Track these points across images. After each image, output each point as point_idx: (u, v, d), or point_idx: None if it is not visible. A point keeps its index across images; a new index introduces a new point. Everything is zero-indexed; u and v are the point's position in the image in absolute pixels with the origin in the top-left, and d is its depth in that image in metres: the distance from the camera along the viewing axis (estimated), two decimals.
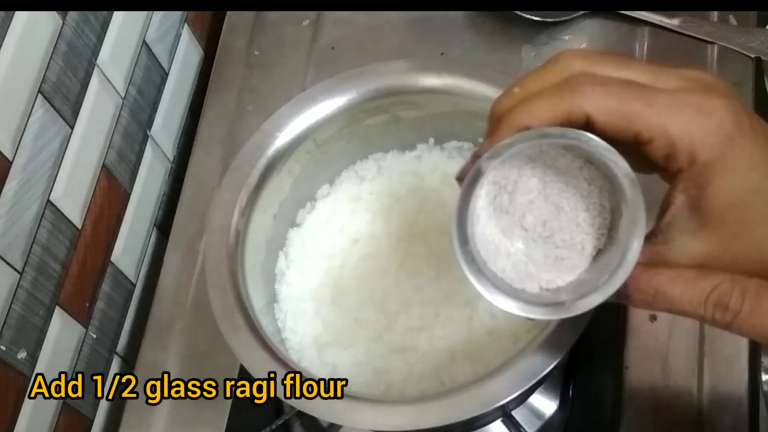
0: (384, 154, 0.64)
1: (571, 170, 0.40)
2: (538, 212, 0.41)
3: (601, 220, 0.41)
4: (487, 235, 0.41)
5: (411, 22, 0.78)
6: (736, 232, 0.38)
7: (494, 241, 0.41)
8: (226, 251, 0.55)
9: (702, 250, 0.38)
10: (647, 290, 0.38)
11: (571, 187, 0.40)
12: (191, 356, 0.68)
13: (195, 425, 0.66)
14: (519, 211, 0.41)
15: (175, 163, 0.79)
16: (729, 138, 0.36)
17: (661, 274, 0.38)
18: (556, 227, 0.41)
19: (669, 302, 0.38)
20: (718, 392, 0.59)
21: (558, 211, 0.41)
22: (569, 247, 0.41)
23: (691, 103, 0.37)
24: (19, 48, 0.57)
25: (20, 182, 0.58)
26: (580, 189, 0.40)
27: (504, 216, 0.41)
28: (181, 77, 0.79)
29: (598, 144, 0.37)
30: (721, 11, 0.74)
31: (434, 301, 0.58)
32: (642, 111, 0.37)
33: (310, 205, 0.64)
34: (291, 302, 0.60)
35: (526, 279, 0.41)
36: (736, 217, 0.37)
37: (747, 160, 0.37)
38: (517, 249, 0.41)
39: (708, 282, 0.38)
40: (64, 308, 0.64)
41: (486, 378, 0.48)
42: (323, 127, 0.59)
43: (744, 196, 0.37)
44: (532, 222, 0.41)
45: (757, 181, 0.37)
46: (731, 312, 0.37)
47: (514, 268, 0.41)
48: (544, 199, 0.41)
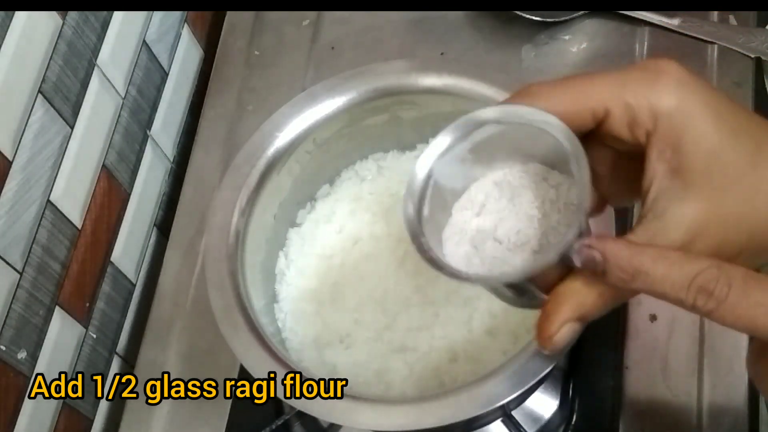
0: (384, 154, 0.64)
1: (537, 182, 0.40)
2: (510, 224, 0.40)
3: (573, 214, 0.40)
4: (459, 254, 0.41)
5: (411, 22, 0.78)
6: (723, 184, 0.36)
7: (467, 255, 0.41)
8: (226, 251, 0.55)
9: (693, 214, 0.36)
10: (627, 268, 0.36)
11: (539, 197, 0.40)
12: (191, 356, 0.68)
13: (195, 425, 0.66)
14: (489, 226, 0.41)
15: (175, 163, 0.79)
16: (682, 83, 0.36)
17: (644, 253, 0.36)
18: (531, 234, 0.40)
19: (649, 283, 0.36)
20: (718, 392, 0.59)
21: (530, 220, 0.40)
22: (546, 251, 0.40)
23: (633, 69, 0.37)
24: (19, 48, 0.57)
25: (20, 182, 0.58)
26: (548, 196, 0.40)
27: (476, 235, 0.41)
28: (181, 77, 0.79)
29: (523, 111, 0.38)
30: (721, 11, 0.74)
31: (434, 301, 0.58)
32: (588, 87, 0.37)
33: (310, 205, 0.64)
34: (291, 302, 0.60)
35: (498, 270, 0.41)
36: (719, 167, 0.36)
37: (710, 103, 0.36)
38: (492, 260, 0.41)
39: (693, 265, 0.35)
40: (64, 308, 0.64)
41: (486, 378, 0.48)
42: (323, 127, 0.59)
43: (721, 141, 0.36)
44: (505, 233, 0.40)
45: (727, 122, 0.36)
46: (715, 299, 0.35)
47: (489, 272, 0.41)
48: (514, 214, 0.41)
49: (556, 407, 0.60)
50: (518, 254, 0.40)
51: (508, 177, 0.41)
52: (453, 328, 0.56)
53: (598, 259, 0.36)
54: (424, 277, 0.59)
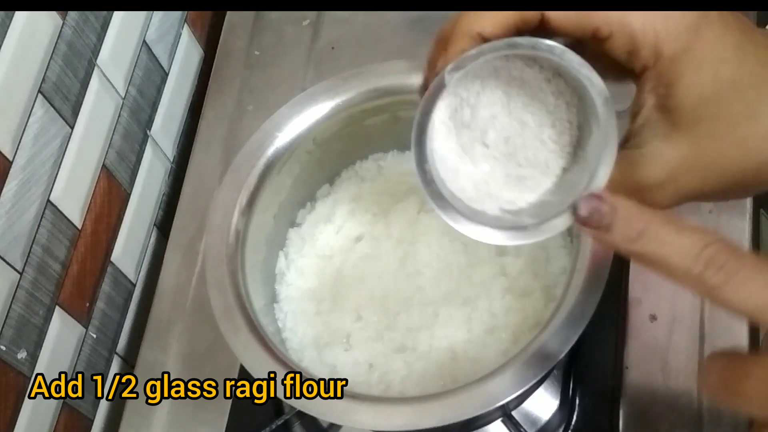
0: (384, 154, 0.64)
1: (538, 82, 0.37)
2: (501, 127, 0.38)
3: (567, 137, 0.38)
4: (446, 151, 0.38)
5: (411, 22, 0.78)
6: (713, 132, 0.34)
7: (453, 158, 0.38)
8: (226, 251, 0.55)
9: (677, 154, 0.35)
10: (635, 223, 0.33)
11: (537, 101, 0.37)
12: (191, 356, 0.68)
13: (195, 425, 0.66)
14: (481, 126, 0.38)
15: (175, 163, 0.79)
16: (695, 27, 0.34)
17: (654, 212, 0.33)
18: (519, 144, 0.38)
19: (656, 244, 0.33)
20: None
21: (522, 127, 0.37)
22: (532, 165, 0.38)
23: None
24: (19, 48, 0.57)
25: (20, 182, 0.58)
26: (546, 103, 0.37)
27: (464, 131, 0.38)
28: (181, 77, 0.79)
29: (572, 59, 0.34)
30: None
31: (434, 301, 0.58)
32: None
33: (310, 205, 0.64)
34: (291, 302, 0.60)
35: (486, 199, 0.38)
36: (711, 114, 0.34)
37: (717, 50, 0.34)
38: (478, 167, 0.38)
39: (705, 234, 0.32)
40: (64, 308, 0.64)
41: (486, 378, 0.48)
42: (323, 127, 0.59)
43: (717, 90, 0.34)
44: (494, 138, 0.38)
45: (729, 72, 0.34)
46: (726, 272, 0.31)
47: (474, 187, 0.38)
48: (507, 113, 0.38)
49: (556, 407, 0.60)
50: (504, 175, 0.38)
51: (509, 66, 0.37)
52: (453, 328, 0.57)
53: (605, 211, 0.34)
54: (424, 277, 0.59)
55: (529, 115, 0.37)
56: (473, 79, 0.37)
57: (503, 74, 0.37)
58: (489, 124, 0.38)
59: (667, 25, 0.34)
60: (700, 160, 0.35)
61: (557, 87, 0.37)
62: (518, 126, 0.38)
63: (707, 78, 0.34)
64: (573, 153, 0.38)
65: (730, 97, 0.34)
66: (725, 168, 0.35)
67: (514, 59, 0.37)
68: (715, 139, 0.35)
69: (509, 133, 0.38)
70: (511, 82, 0.37)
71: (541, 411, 0.60)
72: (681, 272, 0.33)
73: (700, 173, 0.35)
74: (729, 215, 0.63)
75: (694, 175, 0.35)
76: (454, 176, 0.38)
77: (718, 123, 0.34)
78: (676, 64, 0.34)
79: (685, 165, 0.35)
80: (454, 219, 0.37)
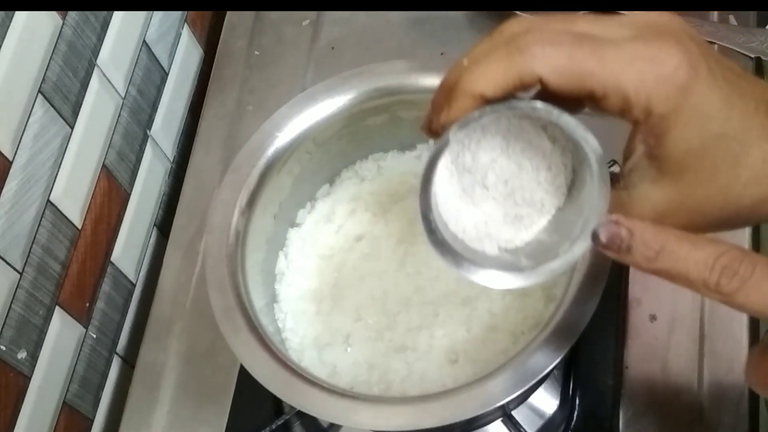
0: (384, 154, 0.64)
1: (536, 129, 0.40)
2: (500, 170, 0.40)
3: (562, 179, 0.40)
4: (449, 194, 0.41)
5: (411, 22, 0.78)
6: (698, 180, 0.37)
7: (455, 200, 0.41)
8: (226, 251, 0.55)
9: (663, 198, 0.37)
10: (652, 244, 0.36)
11: (534, 146, 0.40)
12: (191, 356, 0.68)
13: (195, 425, 0.66)
14: (481, 169, 0.40)
15: (175, 163, 0.79)
16: (684, 88, 0.36)
17: (668, 231, 0.36)
18: (516, 185, 0.40)
19: (673, 260, 0.35)
20: (718, 392, 0.59)
21: (520, 170, 0.40)
22: (529, 204, 0.41)
23: (643, 54, 0.36)
24: (19, 48, 0.57)
25: (20, 182, 0.58)
26: (543, 148, 0.40)
27: (466, 174, 0.41)
28: (181, 77, 0.79)
29: (569, 121, 0.37)
30: (721, 11, 0.74)
31: (434, 301, 0.58)
32: (594, 69, 0.36)
33: (310, 205, 0.64)
34: (291, 302, 0.60)
35: (486, 239, 0.41)
36: (696, 164, 0.36)
37: (704, 108, 0.36)
38: (478, 207, 0.41)
39: (717, 246, 0.35)
40: (64, 308, 0.64)
41: (486, 378, 0.48)
42: (323, 127, 0.59)
43: (703, 143, 0.36)
44: (494, 180, 0.40)
45: (715, 128, 0.36)
46: (740, 278, 0.34)
47: (474, 227, 0.41)
48: (506, 157, 0.40)
49: (556, 407, 0.60)
50: (502, 214, 0.40)
51: (508, 113, 0.39)
52: (453, 327, 0.57)
53: (624, 236, 0.36)
54: (424, 277, 0.59)
55: (527, 159, 0.40)
56: (474, 128, 0.40)
57: (503, 122, 0.40)
58: (489, 167, 0.40)
59: (658, 87, 0.36)
60: (685, 204, 0.37)
61: (553, 133, 0.40)
62: (516, 169, 0.40)
63: (694, 133, 0.36)
64: (567, 193, 0.41)
65: (714, 149, 0.36)
66: (708, 212, 0.38)
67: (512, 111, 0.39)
68: (700, 187, 0.37)
69: (508, 175, 0.40)
70: (510, 129, 0.40)
71: (541, 411, 0.60)
72: (700, 283, 0.35)
73: (685, 215, 0.38)
74: None
75: (680, 217, 0.38)
76: (456, 218, 0.41)
77: (703, 172, 0.37)
78: (665, 120, 0.36)
79: (671, 208, 0.38)
80: (457, 263, 0.40)
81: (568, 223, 0.40)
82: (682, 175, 0.37)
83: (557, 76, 0.36)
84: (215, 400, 0.66)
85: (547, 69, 0.36)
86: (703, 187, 0.37)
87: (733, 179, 0.37)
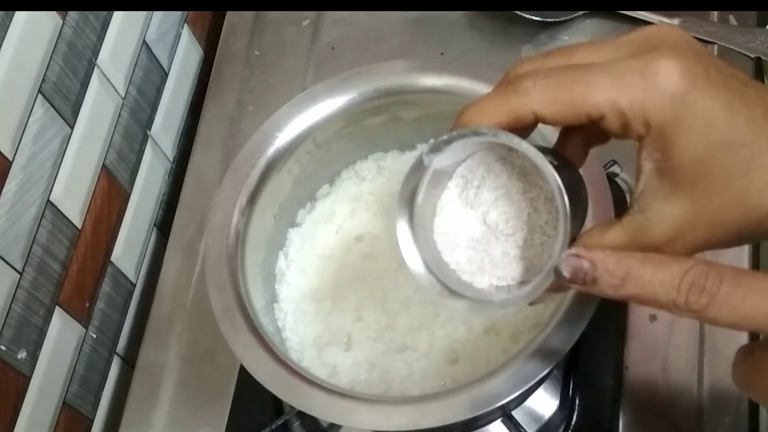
0: (384, 154, 0.64)
1: (537, 171, 0.40)
2: (503, 209, 0.41)
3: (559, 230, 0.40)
4: (450, 225, 0.42)
5: (411, 22, 0.78)
6: (711, 189, 0.36)
7: (455, 233, 0.42)
8: (226, 251, 0.55)
9: (679, 213, 0.36)
10: (616, 272, 0.36)
11: (536, 188, 0.40)
12: (191, 356, 0.68)
13: (195, 425, 0.66)
14: (483, 206, 0.41)
15: (175, 163, 0.79)
16: (679, 96, 0.35)
17: (632, 256, 0.36)
18: (518, 227, 0.41)
19: (640, 285, 0.36)
20: (718, 392, 0.59)
21: (521, 211, 0.41)
22: (528, 247, 0.41)
23: (633, 68, 0.36)
24: (19, 48, 0.57)
25: (20, 182, 0.58)
26: (545, 191, 0.40)
27: (469, 210, 0.41)
28: (181, 77, 0.79)
29: (528, 149, 0.37)
30: (721, 11, 0.74)
31: (434, 301, 0.57)
32: (584, 92, 0.36)
33: (310, 205, 0.64)
34: (291, 302, 0.60)
35: (478, 273, 0.41)
36: (707, 173, 0.36)
37: (705, 115, 0.35)
38: (477, 243, 0.41)
39: (682, 263, 0.35)
40: (64, 308, 0.64)
41: (486, 378, 0.48)
42: (323, 127, 0.59)
43: (710, 151, 0.35)
44: (495, 219, 0.41)
45: (720, 133, 0.35)
46: (708, 293, 0.34)
47: (468, 261, 0.42)
48: (509, 198, 0.41)
49: (556, 407, 0.60)
50: (501, 253, 0.41)
51: (512, 155, 0.41)
52: (453, 327, 0.56)
53: (587, 268, 0.36)
54: None
55: (528, 201, 0.40)
56: (479, 164, 0.41)
57: (508, 162, 0.41)
58: (491, 205, 0.41)
59: (651, 99, 0.35)
60: (702, 216, 0.37)
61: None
62: (518, 210, 0.41)
63: (698, 141, 0.35)
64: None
65: (723, 157, 0.36)
66: (728, 222, 0.36)
67: (518, 150, 0.39)
68: (714, 196, 0.36)
69: (510, 215, 0.41)
70: (514, 169, 0.41)
71: (541, 411, 0.60)
72: (669, 304, 0.35)
73: (705, 228, 0.37)
74: None
75: (701, 230, 0.37)
76: (452, 249, 0.42)
77: (715, 181, 0.36)
78: (667, 130, 0.36)
79: (689, 222, 0.37)
80: (436, 290, 0.41)
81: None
82: (694, 186, 0.36)
83: (550, 107, 0.37)
84: (215, 400, 0.66)
85: (539, 102, 0.37)
86: (718, 196, 0.36)
87: (746, 185, 0.36)
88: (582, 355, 0.60)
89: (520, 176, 0.41)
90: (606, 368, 0.60)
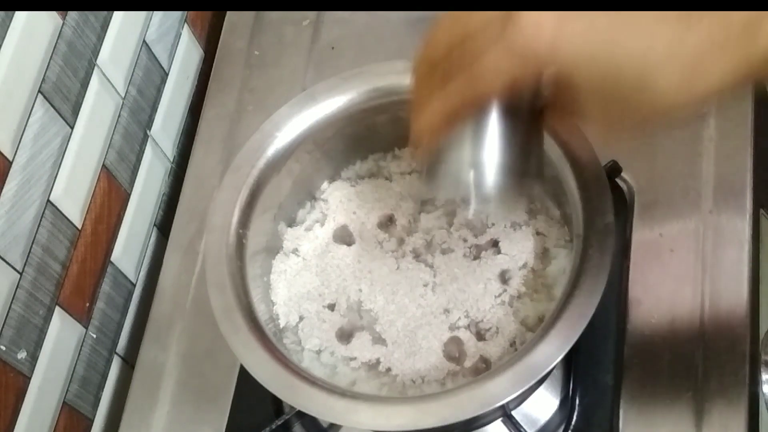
0: (384, 154, 0.64)
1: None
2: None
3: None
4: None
5: (411, 22, 0.78)
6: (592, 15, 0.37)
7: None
8: (226, 251, 0.55)
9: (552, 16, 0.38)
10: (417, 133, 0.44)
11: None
12: (191, 356, 0.68)
13: (195, 425, 0.66)
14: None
15: (175, 163, 0.79)
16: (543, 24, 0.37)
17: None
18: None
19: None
20: (718, 393, 0.59)
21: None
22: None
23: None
24: (19, 48, 0.57)
25: (20, 182, 0.58)
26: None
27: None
28: (181, 77, 0.79)
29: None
30: None
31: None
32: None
33: (309, 205, 0.64)
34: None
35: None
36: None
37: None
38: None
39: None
40: (64, 308, 0.64)
41: (486, 378, 0.48)
42: (323, 127, 0.59)
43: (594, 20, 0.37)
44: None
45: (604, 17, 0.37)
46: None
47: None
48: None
49: (556, 407, 0.60)
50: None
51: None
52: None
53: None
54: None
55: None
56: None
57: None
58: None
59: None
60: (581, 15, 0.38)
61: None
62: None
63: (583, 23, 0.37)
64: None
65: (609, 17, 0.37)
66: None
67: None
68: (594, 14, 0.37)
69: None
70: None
71: (541, 411, 0.60)
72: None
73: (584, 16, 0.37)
74: (729, 215, 0.63)
75: (579, 16, 0.37)
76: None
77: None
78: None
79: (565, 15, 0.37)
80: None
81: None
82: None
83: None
84: (215, 400, 0.66)
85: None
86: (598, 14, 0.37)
87: (630, 17, 0.37)
88: (582, 355, 0.60)
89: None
90: (606, 368, 0.60)
